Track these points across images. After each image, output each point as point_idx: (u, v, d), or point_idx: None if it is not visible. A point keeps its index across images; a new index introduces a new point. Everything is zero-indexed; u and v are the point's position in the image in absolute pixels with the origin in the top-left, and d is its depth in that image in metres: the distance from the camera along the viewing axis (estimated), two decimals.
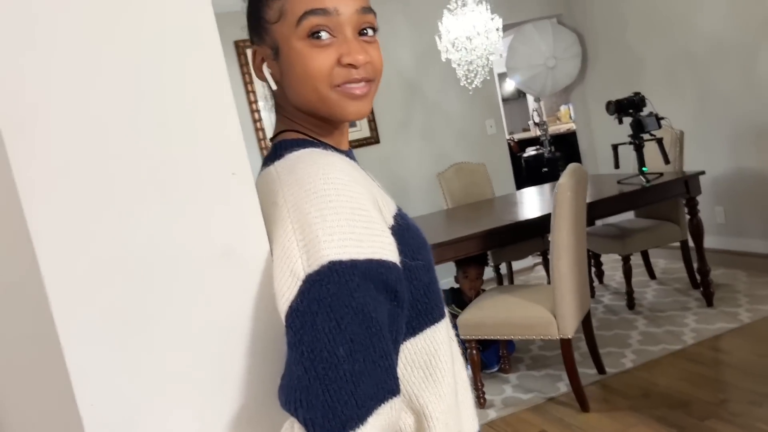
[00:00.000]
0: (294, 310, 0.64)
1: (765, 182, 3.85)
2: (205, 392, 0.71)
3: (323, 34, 0.76)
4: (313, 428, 0.59)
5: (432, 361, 0.77)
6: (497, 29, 3.21)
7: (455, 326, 2.87)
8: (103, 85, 0.64)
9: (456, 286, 3.61)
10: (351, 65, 0.77)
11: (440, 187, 4.21)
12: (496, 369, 3.22)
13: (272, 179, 0.75)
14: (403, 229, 0.77)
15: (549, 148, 5.59)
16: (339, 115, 0.79)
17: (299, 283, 0.65)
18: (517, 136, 8.38)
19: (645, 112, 3.42)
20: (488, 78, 3.50)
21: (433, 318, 0.78)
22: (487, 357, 3.19)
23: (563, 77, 4.97)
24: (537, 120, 6.20)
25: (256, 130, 4.38)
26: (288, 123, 0.84)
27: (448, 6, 3.26)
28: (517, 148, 7.50)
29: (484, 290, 3.39)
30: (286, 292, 0.65)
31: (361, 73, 0.78)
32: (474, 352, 2.82)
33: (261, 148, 4.38)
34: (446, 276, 4.22)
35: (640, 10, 4.50)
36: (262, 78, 0.83)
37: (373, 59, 0.79)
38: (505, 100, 8.83)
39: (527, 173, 6.98)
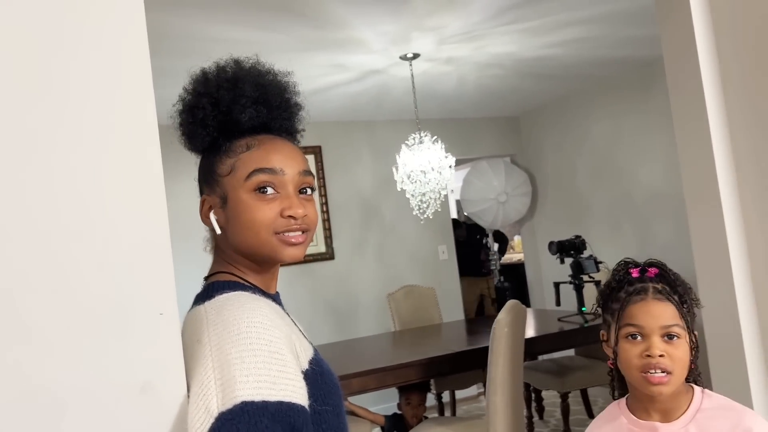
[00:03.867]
0: None
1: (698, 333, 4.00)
2: None
3: (269, 190, 0.88)
4: None
5: None
6: (450, 166, 3.42)
7: None
8: (37, 218, 0.71)
9: (398, 412, 3.56)
10: (291, 217, 0.87)
11: (389, 308, 4.26)
12: None
13: (200, 318, 0.81)
14: (317, 374, 0.83)
15: (499, 278, 5.75)
16: (276, 258, 0.89)
17: (212, 420, 0.69)
18: None
19: (585, 254, 3.61)
20: (439, 210, 3.67)
21: None
22: None
23: (513, 212, 5.23)
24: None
25: None
26: (223, 265, 0.92)
27: (407, 142, 3.49)
28: None
29: (426, 417, 3.36)
30: (199, 428, 0.70)
31: (299, 223, 0.89)
32: None
33: None
34: (389, 401, 4.17)
35: (587, 159, 4.86)
36: (208, 224, 0.92)
37: (309, 214, 0.91)
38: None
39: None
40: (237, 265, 0.91)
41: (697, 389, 1.19)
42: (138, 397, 0.73)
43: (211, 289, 0.86)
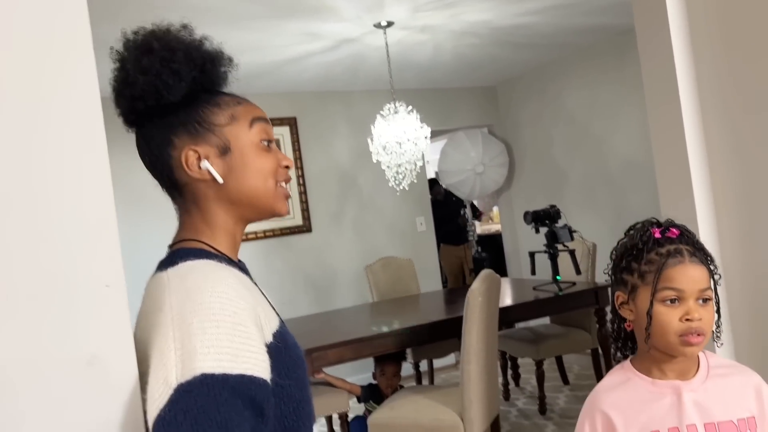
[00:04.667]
0: (161, 419, 0.67)
1: None
2: None
3: (270, 143, 0.92)
4: None
5: None
6: (425, 137, 3.40)
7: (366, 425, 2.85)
8: None
9: (374, 382, 3.60)
10: (287, 167, 0.92)
11: (367, 280, 4.27)
12: None
13: (162, 285, 0.79)
14: (281, 347, 0.82)
15: (476, 248, 5.78)
16: (274, 210, 0.91)
17: (170, 392, 0.68)
18: None
19: (560, 223, 3.63)
20: (415, 181, 3.66)
21: None
22: None
23: (490, 183, 5.24)
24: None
25: None
26: (192, 231, 0.88)
27: (382, 112, 3.45)
28: None
29: (402, 386, 3.39)
30: (158, 399, 0.68)
31: (290, 174, 0.93)
32: None
33: None
34: (365, 371, 4.20)
35: (564, 128, 4.86)
36: (200, 175, 0.86)
37: None
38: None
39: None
40: (212, 227, 0.88)
41: None
42: (85, 371, 0.71)
43: (175, 256, 0.83)
